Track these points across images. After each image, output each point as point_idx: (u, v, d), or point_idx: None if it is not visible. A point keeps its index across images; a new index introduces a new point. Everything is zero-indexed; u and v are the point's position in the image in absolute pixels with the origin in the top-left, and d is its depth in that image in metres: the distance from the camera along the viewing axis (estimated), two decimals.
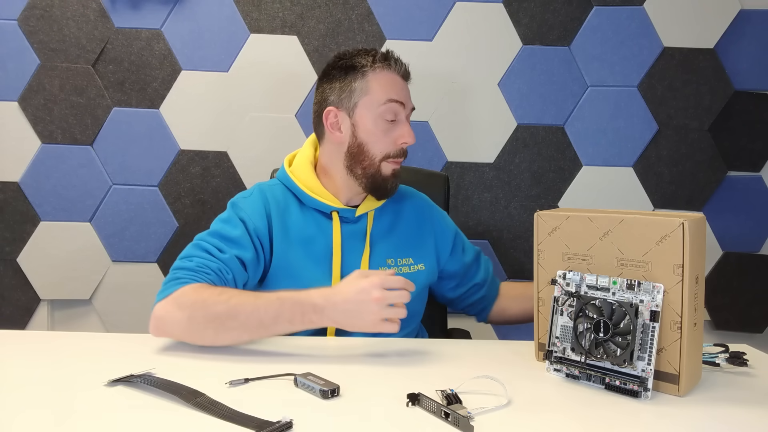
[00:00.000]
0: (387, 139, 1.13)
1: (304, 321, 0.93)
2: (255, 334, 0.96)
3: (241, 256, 1.07)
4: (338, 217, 1.15)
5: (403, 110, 1.14)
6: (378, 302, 0.91)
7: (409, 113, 1.17)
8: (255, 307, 0.93)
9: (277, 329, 0.95)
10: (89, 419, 0.71)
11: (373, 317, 0.91)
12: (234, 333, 0.95)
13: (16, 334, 1.08)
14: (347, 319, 0.93)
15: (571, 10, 1.76)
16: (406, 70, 1.17)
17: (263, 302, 0.94)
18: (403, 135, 1.13)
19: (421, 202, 1.28)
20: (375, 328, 0.92)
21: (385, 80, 1.13)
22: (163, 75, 1.77)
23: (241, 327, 0.94)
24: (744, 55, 1.75)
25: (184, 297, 0.96)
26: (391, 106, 1.12)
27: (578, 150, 1.80)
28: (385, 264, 1.17)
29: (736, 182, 1.79)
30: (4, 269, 1.81)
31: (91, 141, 1.78)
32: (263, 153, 1.79)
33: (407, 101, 1.15)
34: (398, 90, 1.14)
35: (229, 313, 0.93)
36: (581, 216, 0.88)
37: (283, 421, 0.69)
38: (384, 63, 1.14)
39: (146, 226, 1.80)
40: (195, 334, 0.96)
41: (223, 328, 0.94)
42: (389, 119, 1.12)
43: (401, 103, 1.13)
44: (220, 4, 1.76)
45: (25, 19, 1.74)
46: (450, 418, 0.71)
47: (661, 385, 0.82)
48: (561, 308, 0.88)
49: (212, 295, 0.96)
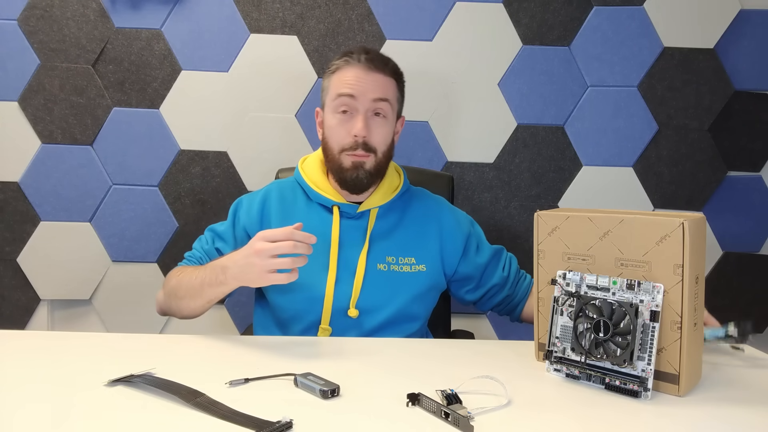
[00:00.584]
0: (342, 131, 1.15)
1: (219, 281, 1.00)
2: (197, 301, 1.06)
3: (221, 249, 1.19)
4: (339, 212, 1.18)
5: (355, 102, 1.14)
6: (259, 254, 0.92)
7: (370, 105, 1.15)
8: (191, 277, 1.06)
9: (206, 293, 1.04)
10: (89, 419, 0.71)
11: (257, 269, 0.93)
12: (184, 302, 1.08)
13: (16, 334, 1.08)
14: (242, 274, 0.96)
15: (571, 10, 1.76)
16: (370, 60, 1.15)
17: (198, 271, 1.06)
18: (355, 126, 1.13)
19: (432, 203, 1.28)
20: (263, 280, 0.94)
21: (342, 76, 1.16)
22: (163, 75, 1.77)
23: (186, 295, 1.07)
24: (744, 55, 1.75)
25: (168, 277, 1.15)
26: (342, 100, 1.15)
27: (578, 150, 1.80)
28: (384, 261, 1.17)
29: (736, 182, 1.79)
30: (4, 269, 1.81)
31: (91, 141, 1.78)
32: (263, 153, 1.79)
33: (362, 94, 1.14)
34: (352, 83, 1.14)
35: (177, 285, 1.09)
36: (581, 216, 0.88)
37: (283, 421, 0.69)
38: (344, 59, 1.17)
39: (146, 226, 1.80)
40: (168, 306, 1.14)
41: (177, 298, 1.09)
42: (341, 111, 1.15)
43: (351, 96, 1.14)
44: (220, 4, 1.76)
45: (25, 19, 1.74)
46: (450, 418, 0.71)
47: (661, 385, 0.82)
48: (561, 308, 0.88)
49: (175, 273, 1.13)
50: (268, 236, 0.93)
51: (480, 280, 1.26)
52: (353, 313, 1.13)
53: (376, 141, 1.16)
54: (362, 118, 1.14)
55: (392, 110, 1.18)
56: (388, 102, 1.16)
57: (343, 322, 1.14)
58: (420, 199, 1.27)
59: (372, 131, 1.15)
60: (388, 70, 1.17)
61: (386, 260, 1.17)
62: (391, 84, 1.18)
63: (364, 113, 1.14)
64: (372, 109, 1.15)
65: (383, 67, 1.16)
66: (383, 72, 1.16)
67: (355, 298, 1.14)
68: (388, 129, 1.18)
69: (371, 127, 1.15)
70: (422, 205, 1.26)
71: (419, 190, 1.31)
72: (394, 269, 1.17)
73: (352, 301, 1.14)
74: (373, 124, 1.15)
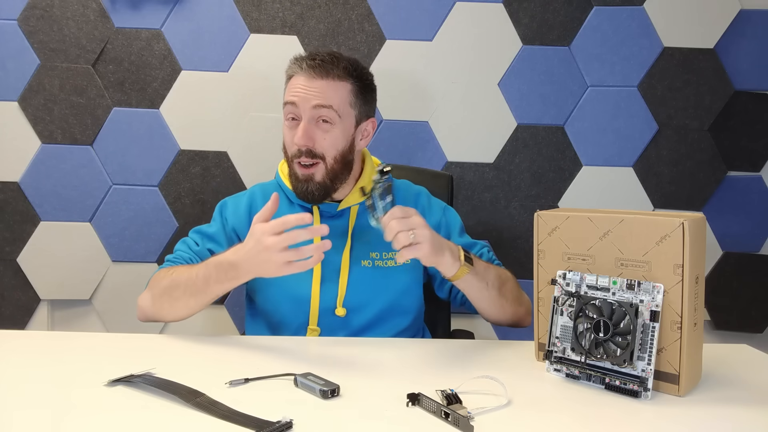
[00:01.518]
0: (289, 140, 1.15)
1: (228, 278, 1.00)
2: (198, 300, 1.04)
3: (213, 250, 1.17)
4: (319, 212, 1.18)
5: (298, 110, 1.12)
6: (270, 250, 0.92)
7: (312, 113, 1.11)
8: (189, 275, 1.04)
9: (212, 290, 1.02)
10: (89, 419, 0.71)
11: (273, 265, 0.93)
12: (181, 302, 1.05)
13: (16, 334, 1.08)
14: (259, 268, 0.96)
15: (571, 10, 1.76)
16: (313, 67, 1.11)
17: (195, 269, 1.04)
18: (296, 135, 1.11)
19: (411, 194, 1.26)
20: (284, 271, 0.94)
21: (290, 83, 1.14)
22: (163, 75, 1.77)
23: (184, 294, 1.04)
24: (744, 55, 1.75)
25: (154, 279, 1.12)
26: (288, 108, 1.14)
27: (578, 150, 1.80)
28: (368, 257, 1.17)
29: (736, 182, 1.79)
30: (4, 269, 1.81)
31: (91, 141, 1.78)
32: (263, 153, 1.79)
33: (303, 101, 1.11)
34: (295, 91, 1.12)
35: (171, 285, 1.06)
36: (581, 216, 0.88)
37: (283, 421, 0.69)
38: (292, 65, 1.15)
39: (146, 226, 1.80)
40: (158, 308, 1.09)
41: (171, 299, 1.06)
42: (289, 119, 1.14)
43: (293, 104, 1.12)
44: (220, 4, 1.76)
45: (25, 19, 1.74)
46: (450, 418, 0.71)
47: (661, 385, 0.82)
48: (561, 308, 0.88)
49: (165, 273, 1.10)
50: (275, 228, 0.93)
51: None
52: (341, 312, 1.13)
53: (322, 147, 1.12)
54: (302, 127, 1.11)
55: (339, 116, 1.12)
56: (331, 108, 1.11)
57: (331, 321, 1.14)
58: (400, 191, 1.26)
59: (316, 138, 1.12)
60: (335, 73, 1.12)
61: (370, 256, 1.17)
62: (339, 88, 1.12)
63: (306, 121, 1.11)
64: (315, 116, 1.11)
65: (328, 72, 1.11)
66: (328, 77, 1.11)
67: (341, 297, 1.14)
68: (336, 134, 1.13)
69: (315, 134, 1.12)
70: (402, 198, 1.24)
71: (401, 182, 1.29)
72: (378, 265, 1.17)
73: (339, 300, 1.14)
74: (318, 130, 1.12)
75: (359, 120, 1.18)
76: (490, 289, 1.08)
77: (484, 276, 1.07)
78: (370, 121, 1.21)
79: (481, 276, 1.07)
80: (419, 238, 0.94)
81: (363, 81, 1.17)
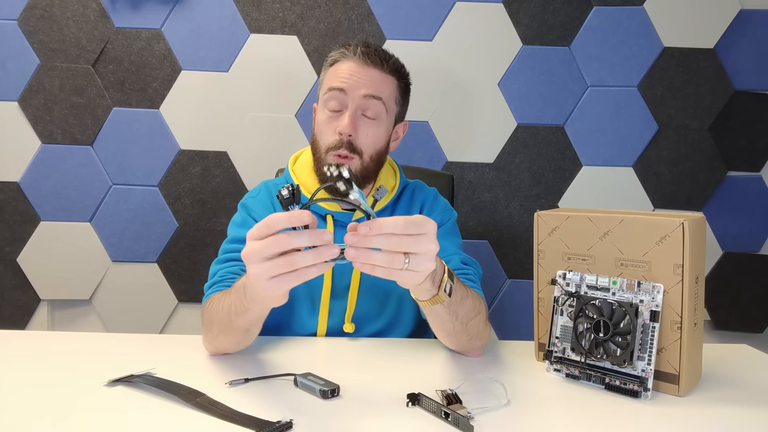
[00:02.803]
0: (329, 129, 1.05)
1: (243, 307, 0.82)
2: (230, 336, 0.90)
3: None
4: (333, 221, 1.10)
5: (345, 97, 1.04)
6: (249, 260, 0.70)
7: (360, 102, 1.04)
8: (224, 306, 0.87)
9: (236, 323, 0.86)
10: (89, 419, 0.71)
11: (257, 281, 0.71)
12: (220, 339, 0.91)
13: (16, 334, 1.07)
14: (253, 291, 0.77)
15: (571, 10, 1.76)
16: (367, 54, 1.05)
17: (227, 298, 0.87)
18: (341, 123, 1.03)
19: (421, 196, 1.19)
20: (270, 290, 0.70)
21: (336, 68, 1.07)
22: (163, 75, 1.77)
23: (220, 330, 0.89)
24: (744, 55, 1.75)
25: (203, 316, 0.96)
26: (332, 94, 1.05)
27: (578, 150, 1.80)
28: None
29: (736, 182, 1.79)
30: (4, 269, 1.81)
31: (91, 141, 1.78)
32: (263, 153, 1.79)
33: (353, 88, 1.04)
34: (345, 77, 1.05)
35: (209, 321, 0.91)
36: (581, 216, 0.88)
37: (283, 421, 0.69)
38: (341, 51, 1.07)
39: (146, 226, 1.80)
40: (216, 343, 0.92)
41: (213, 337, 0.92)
42: (331, 109, 1.05)
43: (341, 90, 1.04)
44: (220, 4, 1.76)
45: (25, 19, 1.74)
46: (450, 418, 0.71)
47: (661, 385, 0.82)
48: (561, 308, 0.88)
49: (212, 305, 0.93)
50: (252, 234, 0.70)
51: None
52: (349, 328, 1.08)
53: (363, 142, 1.05)
54: (349, 115, 1.03)
55: (386, 111, 1.07)
56: (381, 101, 1.05)
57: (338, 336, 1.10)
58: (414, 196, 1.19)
59: (359, 131, 1.04)
60: (387, 66, 1.07)
61: None
62: (388, 82, 1.08)
63: (353, 110, 1.04)
64: (362, 106, 1.05)
65: (381, 63, 1.06)
66: (380, 68, 1.06)
67: (350, 313, 1.09)
68: (379, 131, 1.07)
69: (359, 127, 1.04)
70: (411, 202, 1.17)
71: (415, 184, 1.21)
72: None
73: (348, 316, 1.09)
74: (362, 123, 1.05)
75: (396, 120, 1.13)
76: (456, 323, 0.88)
77: (455, 310, 0.86)
78: (404, 123, 1.17)
79: (453, 309, 0.86)
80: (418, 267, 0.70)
81: (406, 81, 1.13)
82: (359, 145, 1.05)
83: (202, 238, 1.82)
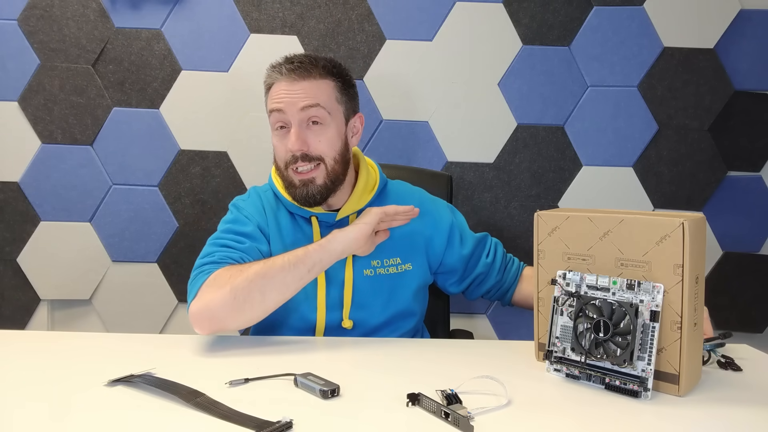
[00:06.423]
0: (282, 147, 1.12)
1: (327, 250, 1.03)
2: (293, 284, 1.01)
3: (260, 248, 1.12)
4: (317, 222, 1.15)
5: (286, 116, 1.09)
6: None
7: (301, 116, 1.09)
8: (282, 263, 1.01)
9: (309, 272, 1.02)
10: (89, 419, 0.71)
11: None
12: (276, 290, 1.00)
13: (16, 334, 1.08)
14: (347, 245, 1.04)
15: (571, 10, 1.76)
16: (292, 70, 1.10)
17: (288, 255, 1.02)
18: (290, 141, 1.09)
19: (411, 197, 1.24)
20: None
21: (272, 93, 1.12)
22: (163, 75, 1.77)
23: (281, 281, 1.00)
24: (744, 55, 1.75)
25: (219, 278, 1.01)
26: (275, 116, 1.11)
27: (578, 150, 1.80)
28: (370, 266, 1.15)
29: (736, 182, 1.79)
30: (4, 269, 1.81)
31: (91, 141, 1.78)
32: (263, 153, 1.79)
33: (290, 105, 1.09)
34: (280, 97, 1.10)
35: (263, 274, 0.99)
36: (581, 216, 0.88)
37: (283, 421, 0.69)
38: (270, 73, 1.12)
39: (146, 226, 1.80)
40: (243, 304, 0.98)
41: (268, 286, 0.99)
42: (279, 128, 1.11)
43: (279, 111, 1.09)
44: (220, 4, 1.76)
45: (25, 19, 1.74)
46: (450, 418, 0.71)
47: (661, 385, 0.82)
48: (561, 308, 0.88)
49: (243, 266, 1.02)
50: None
51: (464, 270, 1.24)
52: (347, 324, 1.12)
53: (319, 149, 1.10)
54: (294, 132, 1.09)
55: (329, 113, 1.11)
56: (320, 107, 1.09)
57: (338, 334, 1.12)
58: (399, 194, 1.23)
59: (309, 141, 1.10)
60: (316, 72, 1.10)
61: (371, 265, 1.15)
62: (323, 86, 1.11)
63: (297, 126, 1.09)
64: (305, 118, 1.09)
65: (309, 73, 1.10)
66: (310, 77, 1.10)
67: (347, 309, 1.13)
68: (330, 133, 1.11)
69: (308, 137, 1.10)
70: (402, 201, 1.20)
71: (398, 183, 1.26)
72: (380, 273, 1.15)
73: (345, 313, 1.12)
74: (310, 133, 1.10)
75: (347, 117, 1.17)
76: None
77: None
78: (358, 116, 1.20)
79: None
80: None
81: (344, 77, 1.16)
82: (316, 152, 1.11)
83: (202, 238, 1.80)
